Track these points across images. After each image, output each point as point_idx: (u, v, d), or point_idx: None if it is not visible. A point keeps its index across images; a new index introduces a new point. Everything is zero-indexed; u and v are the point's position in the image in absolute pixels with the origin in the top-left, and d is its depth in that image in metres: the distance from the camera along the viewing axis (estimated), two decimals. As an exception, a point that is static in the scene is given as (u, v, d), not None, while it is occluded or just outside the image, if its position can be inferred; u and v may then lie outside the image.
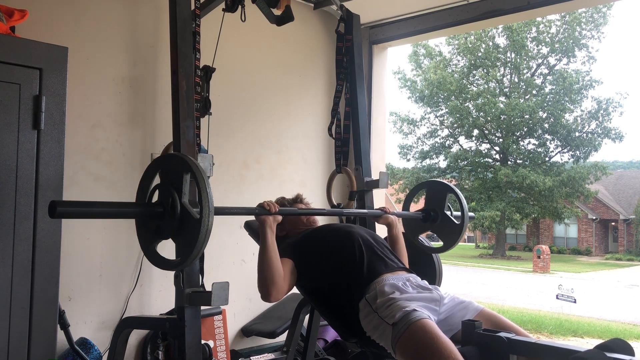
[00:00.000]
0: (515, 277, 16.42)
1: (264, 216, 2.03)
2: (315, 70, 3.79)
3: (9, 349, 1.76)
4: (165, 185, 1.65)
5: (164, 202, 1.64)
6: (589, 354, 1.52)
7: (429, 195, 2.65)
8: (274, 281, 1.95)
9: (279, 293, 1.97)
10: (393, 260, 2.09)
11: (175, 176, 1.62)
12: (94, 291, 2.69)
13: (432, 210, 2.59)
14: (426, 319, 1.72)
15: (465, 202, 2.52)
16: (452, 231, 2.54)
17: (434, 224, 2.58)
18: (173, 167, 1.66)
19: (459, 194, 2.53)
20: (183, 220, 1.60)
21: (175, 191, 1.61)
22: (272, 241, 2.01)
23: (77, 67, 2.49)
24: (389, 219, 2.46)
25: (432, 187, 2.65)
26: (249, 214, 2.09)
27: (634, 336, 7.75)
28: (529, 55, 21.74)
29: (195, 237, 1.55)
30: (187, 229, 1.59)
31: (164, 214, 1.63)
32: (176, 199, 1.60)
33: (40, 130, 1.83)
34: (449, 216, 2.55)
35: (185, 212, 1.59)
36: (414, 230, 2.64)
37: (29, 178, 1.82)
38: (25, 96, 1.81)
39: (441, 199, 2.57)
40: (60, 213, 1.43)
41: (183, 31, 2.11)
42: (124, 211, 1.74)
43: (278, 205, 2.07)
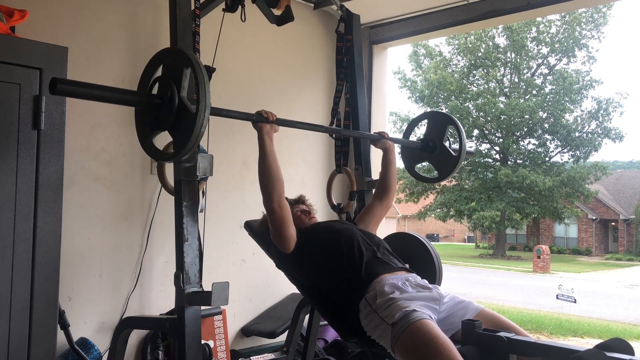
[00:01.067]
0: (515, 277, 16.42)
1: (262, 123, 2.06)
2: (315, 70, 3.79)
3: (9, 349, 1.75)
4: (166, 78, 1.69)
5: (163, 94, 1.68)
6: (589, 353, 1.52)
7: (429, 125, 2.68)
8: (275, 187, 2.02)
9: (281, 199, 2.03)
10: (392, 261, 2.09)
11: (176, 70, 1.66)
12: (94, 291, 2.68)
13: (431, 141, 2.62)
14: (426, 319, 1.72)
15: (464, 135, 2.56)
16: (448, 162, 2.57)
17: (432, 154, 2.62)
18: (174, 61, 1.69)
19: (459, 126, 2.56)
20: (180, 114, 1.64)
21: (175, 85, 1.65)
22: (270, 148, 2.05)
23: (77, 67, 2.49)
24: (386, 144, 2.52)
25: (433, 118, 2.68)
26: (246, 119, 2.07)
27: (634, 336, 7.75)
28: (529, 55, 21.73)
29: (190, 130, 1.59)
30: (183, 123, 1.63)
31: (162, 106, 1.67)
32: (175, 92, 1.64)
33: (40, 130, 1.83)
34: (447, 147, 2.57)
35: (182, 105, 1.63)
36: (412, 159, 2.67)
37: (29, 178, 1.82)
38: (25, 96, 1.81)
39: (441, 129, 2.60)
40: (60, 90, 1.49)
41: (183, 31, 2.11)
42: (124, 98, 1.77)
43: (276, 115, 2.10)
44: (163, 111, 1.67)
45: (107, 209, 2.73)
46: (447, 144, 2.59)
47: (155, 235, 2.88)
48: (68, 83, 1.54)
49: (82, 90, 1.61)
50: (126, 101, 1.79)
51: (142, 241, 2.85)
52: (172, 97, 1.64)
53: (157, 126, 1.71)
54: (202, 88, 1.59)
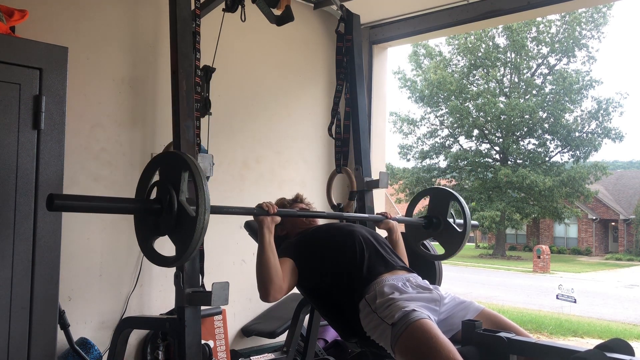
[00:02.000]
0: (515, 277, 16.42)
1: (263, 217, 2.03)
2: (315, 70, 3.79)
3: (9, 349, 1.76)
4: (164, 182, 1.67)
5: (162, 199, 1.65)
6: (589, 354, 1.52)
7: (432, 201, 2.64)
8: (273, 281, 1.95)
9: (278, 293, 1.97)
10: (394, 260, 2.09)
11: (174, 174, 1.64)
12: (94, 291, 2.68)
13: (435, 217, 2.57)
14: (425, 319, 1.72)
15: (468, 210, 2.51)
16: (454, 239, 2.53)
17: (437, 231, 2.57)
18: (172, 165, 1.68)
19: (461, 201, 2.52)
20: (180, 218, 1.62)
21: (173, 189, 1.63)
22: (270, 242, 2.00)
23: (77, 67, 2.50)
24: (389, 224, 2.46)
25: (435, 194, 2.64)
26: (247, 214, 2.08)
27: (634, 336, 7.75)
28: (529, 55, 21.73)
29: (191, 234, 1.57)
30: (183, 226, 1.61)
31: (161, 211, 1.65)
32: (174, 197, 1.62)
33: (40, 130, 1.83)
34: (451, 224, 2.54)
35: (182, 209, 1.61)
36: (416, 237, 2.63)
37: (29, 178, 1.82)
38: (25, 96, 1.81)
39: (444, 206, 2.56)
40: (57, 206, 1.45)
41: (183, 31, 2.11)
42: (122, 206, 1.75)
43: (277, 207, 2.07)
44: (163, 216, 1.65)
45: (107, 209, 2.73)
46: (452, 220, 2.56)
47: (155, 235, 2.88)
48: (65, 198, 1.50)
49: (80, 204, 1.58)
50: (126, 209, 1.77)
51: (142, 241, 2.85)
52: (171, 201, 1.62)
53: (157, 231, 1.69)
54: (201, 192, 1.57)
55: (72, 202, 1.54)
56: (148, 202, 1.69)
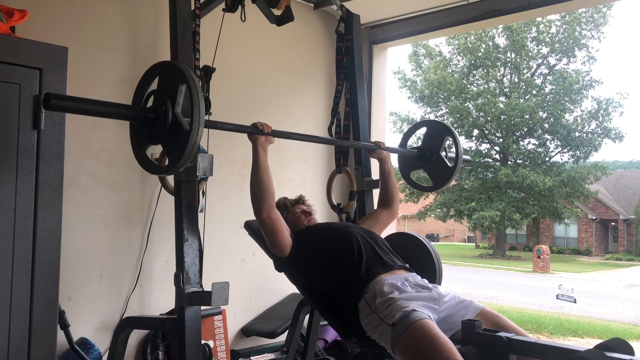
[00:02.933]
0: (515, 277, 16.41)
1: (257, 135, 2.06)
2: (315, 70, 3.79)
3: (9, 349, 1.75)
4: (161, 93, 1.69)
5: (158, 109, 1.67)
6: (589, 353, 1.52)
7: (427, 134, 2.68)
8: (265, 199, 2.02)
9: (271, 210, 2.03)
10: (392, 260, 2.09)
11: (171, 86, 1.66)
12: (94, 291, 2.68)
13: (428, 150, 2.62)
14: (426, 319, 1.72)
15: (461, 146, 2.57)
16: (443, 172, 2.57)
17: (428, 163, 2.62)
18: (170, 76, 1.69)
19: (456, 136, 2.58)
20: (174, 129, 1.64)
21: (169, 100, 1.64)
22: (264, 160, 2.05)
23: (77, 67, 2.49)
24: (382, 154, 2.51)
25: (431, 127, 2.68)
26: (241, 131, 2.08)
27: (634, 336, 7.74)
28: (529, 55, 21.72)
29: (184, 146, 1.59)
30: (177, 138, 1.63)
31: (156, 120, 1.67)
32: (169, 108, 1.64)
33: (40, 130, 1.83)
34: (443, 157, 2.57)
35: (176, 121, 1.63)
36: (407, 167, 2.67)
37: (29, 178, 1.82)
38: (25, 96, 1.81)
39: (438, 139, 2.60)
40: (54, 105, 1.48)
41: (183, 31, 2.11)
42: (117, 112, 1.77)
43: (271, 127, 2.10)
44: (157, 125, 1.67)
45: (107, 209, 2.73)
46: (444, 154, 2.58)
47: (155, 235, 2.88)
48: (62, 98, 1.54)
49: (76, 105, 1.60)
50: (120, 115, 1.79)
51: (142, 241, 2.85)
52: (166, 112, 1.64)
53: (151, 139, 1.71)
54: (197, 106, 1.59)
55: (68, 102, 1.57)
56: (143, 110, 1.72)
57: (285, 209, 2.35)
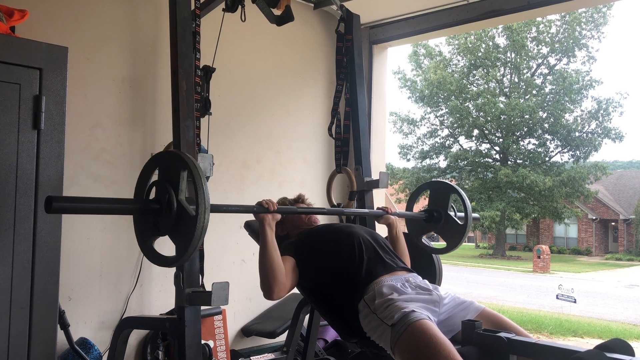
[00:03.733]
0: (515, 277, 16.42)
1: (263, 214, 2.02)
2: (315, 70, 3.79)
3: (9, 349, 1.76)
4: (163, 182, 1.66)
5: (161, 198, 1.64)
6: (589, 354, 1.52)
7: (432, 195, 2.63)
8: (276, 278, 1.95)
9: (282, 290, 1.97)
10: (393, 260, 2.09)
11: (173, 173, 1.63)
12: (94, 291, 2.69)
13: (436, 211, 2.57)
14: (425, 319, 1.72)
15: (468, 203, 2.51)
16: (455, 232, 2.52)
17: (437, 224, 2.57)
18: (171, 164, 1.67)
19: (462, 194, 2.52)
20: (179, 217, 1.60)
21: (172, 188, 1.62)
22: (271, 239, 2.00)
23: (77, 67, 2.49)
24: (389, 219, 2.45)
25: (435, 188, 2.64)
26: (247, 211, 2.07)
27: (634, 336, 7.75)
28: (529, 55, 21.73)
29: (191, 234, 1.56)
30: (183, 226, 1.60)
31: (160, 211, 1.64)
32: (173, 196, 1.61)
33: (40, 130, 1.83)
34: (452, 217, 2.53)
35: (181, 209, 1.60)
36: (417, 231, 2.63)
37: (29, 178, 1.82)
38: (25, 96, 1.81)
39: (445, 199, 2.56)
40: (56, 208, 1.43)
41: (183, 31, 2.11)
42: (121, 207, 1.75)
43: (277, 204, 2.07)
44: (162, 216, 1.64)
45: (107, 209, 2.73)
46: (452, 213, 2.55)
47: (155, 235, 2.88)
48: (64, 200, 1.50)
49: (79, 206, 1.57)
50: (124, 210, 1.76)
51: (142, 241, 2.85)
52: (170, 201, 1.61)
53: (156, 231, 1.67)
54: (201, 191, 1.56)
55: (71, 204, 1.53)
56: (147, 202, 1.69)
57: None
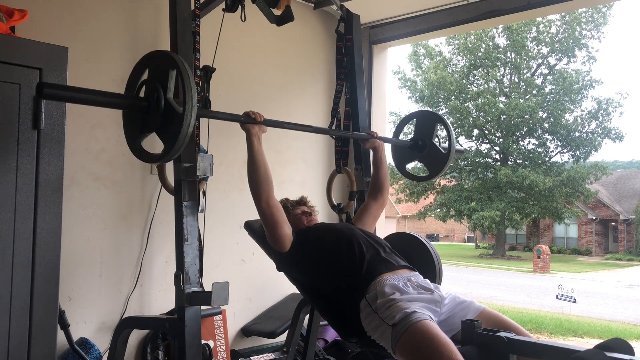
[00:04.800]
0: (515, 277, 16.42)
1: (250, 125, 2.06)
2: (315, 70, 3.79)
3: (9, 349, 1.75)
4: (152, 80, 1.70)
5: (150, 96, 1.68)
6: (589, 353, 1.52)
7: (418, 124, 2.70)
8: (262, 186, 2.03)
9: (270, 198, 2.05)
10: (394, 259, 2.09)
11: (162, 73, 1.66)
12: (94, 291, 2.69)
13: (421, 139, 2.64)
14: (426, 319, 1.72)
15: (453, 132, 2.59)
16: (438, 160, 2.59)
17: (422, 152, 2.64)
18: (160, 63, 1.70)
19: (447, 123, 2.59)
20: (167, 115, 1.64)
21: (161, 86, 1.65)
22: (259, 149, 2.06)
23: (77, 67, 2.49)
24: (375, 143, 2.54)
25: (422, 117, 2.72)
26: (234, 120, 2.08)
27: (634, 336, 7.74)
28: (529, 55, 21.72)
29: (178, 130, 1.60)
30: (171, 123, 1.63)
31: (149, 108, 1.68)
32: (161, 94, 1.65)
33: (40, 130, 1.83)
34: (436, 145, 2.59)
35: (169, 106, 1.64)
36: (402, 159, 2.69)
37: (29, 178, 1.82)
38: (25, 96, 1.80)
39: (430, 128, 2.63)
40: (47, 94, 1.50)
41: (183, 31, 2.11)
42: (111, 101, 1.77)
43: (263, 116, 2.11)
44: (150, 113, 1.68)
45: (107, 209, 2.73)
46: (437, 142, 2.61)
47: (155, 235, 2.88)
48: (55, 87, 1.55)
49: (70, 94, 1.61)
50: (113, 104, 1.80)
51: (142, 241, 2.86)
52: (158, 98, 1.65)
53: (145, 128, 1.72)
54: (188, 88, 1.60)
55: (62, 91, 1.58)
56: (136, 98, 1.73)
57: (287, 210, 2.35)
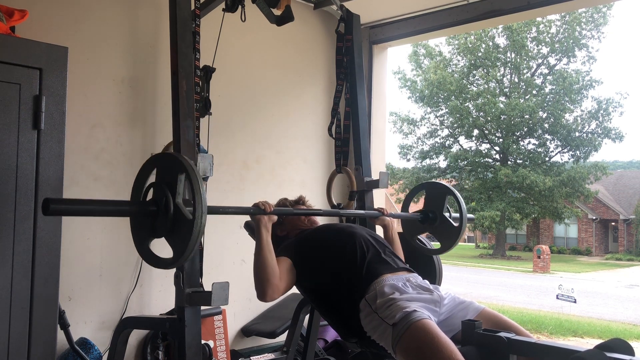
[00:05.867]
0: (515, 277, 16.42)
1: (259, 215, 2.03)
2: (315, 70, 3.79)
3: (9, 349, 1.76)
4: (160, 184, 1.66)
5: (158, 201, 1.64)
6: (589, 353, 1.52)
7: (428, 196, 2.64)
8: (269, 280, 1.95)
9: (275, 292, 1.97)
10: (394, 260, 2.09)
11: (170, 176, 1.63)
12: (94, 291, 2.68)
13: (431, 212, 2.57)
14: (426, 319, 1.72)
15: (464, 204, 2.52)
16: (450, 233, 2.53)
17: (433, 225, 2.57)
18: (168, 166, 1.66)
19: (457, 196, 2.52)
20: (176, 220, 1.60)
21: (169, 191, 1.61)
22: (267, 240, 2.01)
23: (77, 67, 2.49)
24: (385, 221, 2.46)
25: (431, 189, 2.64)
26: (244, 213, 2.08)
27: (634, 336, 7.75)
28: (529, 55, 21.73)
29: (188, 236, 1.56)
30: (180, 229, 1.59)
31: (157, 213, 1.64)
32: (170, 199, 1.60)
33: (40, 130, 1.83)
34: (447, 218, 2.54)
35: (178, 212, 1.59)
36: (412, 232, 2.64)
37: (29, 178, 1.82)
38: (25, 96, 1.81)
39: (440, 200, 2.56)
40: (53, 210, 1.43)
41: (183, 31, 2.11)
42: (118, 209, 1.75)
43: (273, 205, 2.07)
44: (159, 218, 1.63)
45: (107, 209, 2.73)
46: (447, 214, 2.56)
47: (155, 235, 2.88)
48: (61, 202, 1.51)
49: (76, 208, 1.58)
50: (121, 212, 1.76)
51: (142, 241, 2.85)
52: (167, 203, 1.60)
53: (153, 233, 1.67)
54: (198, 194, 1.56)
55: (68, 206, 1.53)
56: (144, 204, 1.68)
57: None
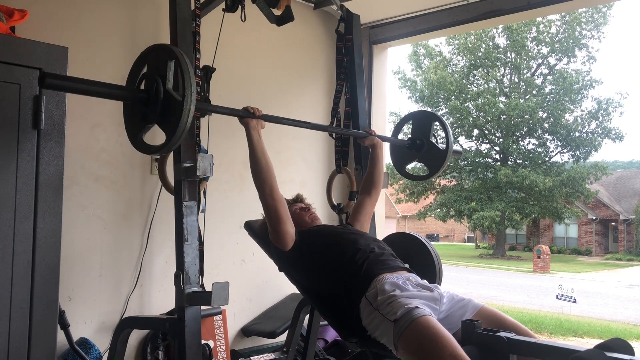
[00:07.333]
0: (516, 277, 16.42)
1: (248, 119, 2.11)
2: (315, 70, 3.79)
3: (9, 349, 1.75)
4: (151, 73, 1.74)
5: (149, 88, 1.72)
6: (589, 353, 1.52)
7: (415, 124, 2.74)
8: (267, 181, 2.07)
9: (274, 192, 2.08)
10: (393, 261, 2.09)
11: (161, 65, 1.70)
12: (94, 291, 2.68)
13: (418, 139, 2.67)
14: (428, 315, 1.72)
15: (449, 130, 2.64)
16: (437, 158, 2.63)
17: (420, 151, 2.67)
18: (159, 56, 1.74)
19: (443, 121, 2.66)
20: (167, 105, 1.68)
21: (160, 78, 1.69)
22: (259, 141, 2.11)
23: (77, 67, 2.49)
24: (374, 140, 2.58)
25: (418, 117, 2.76)
26: (233, 114, 2.13)
27: (634, 336, 7.75)
28: (529, 55, 21.73)
29: (178, 117, 1.62)
30: (170, 113, 1.66)
31: (148, 100, 1.71)
32: (160, 85, 1.68)
33: (40, 130, 1.83)
34: (434, 143, 2.62)
35: (168, 96, 1.67)
36: (401, 159, 2.71)
37: (29, 178, 1.82)
38: (25, 96, 1.81)
39: (427, 127, 2.67)
40: (48, 84, 1.53)
41: (183, 31, 2.11)
42: (111, 92, 1.80)
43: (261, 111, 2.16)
44: (150, 105, 1.71)
45: (107, 209, 2.73)
46: (434, 140, 2.64)
47: (155, 235, 2.88)
48: (57, 77, 1.58)
49: (71, 85, 1.65)
50: (114, 95, 1.82)
51: (142, 241, 2.86)
52: (157, 89, 1.68)
53: (145, 120, 1.75)
54: (187, 76, 1.63)
55: (63, 82, 1.62)
56: (136, 90, 1.77)
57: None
